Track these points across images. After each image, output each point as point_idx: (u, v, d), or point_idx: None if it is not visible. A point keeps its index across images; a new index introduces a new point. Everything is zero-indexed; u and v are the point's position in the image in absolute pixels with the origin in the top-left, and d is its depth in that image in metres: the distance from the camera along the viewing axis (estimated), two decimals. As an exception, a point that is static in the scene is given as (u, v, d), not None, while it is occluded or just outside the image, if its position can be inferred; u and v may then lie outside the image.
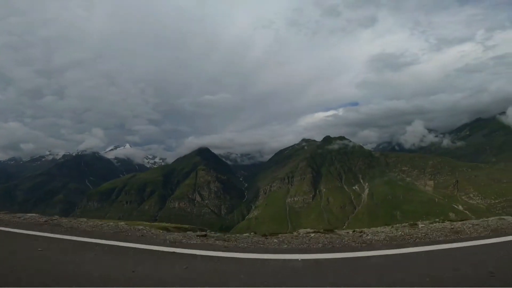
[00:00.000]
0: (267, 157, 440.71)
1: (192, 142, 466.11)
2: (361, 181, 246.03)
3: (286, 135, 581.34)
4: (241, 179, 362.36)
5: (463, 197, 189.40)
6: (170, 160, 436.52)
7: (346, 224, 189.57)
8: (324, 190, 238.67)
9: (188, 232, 10.49)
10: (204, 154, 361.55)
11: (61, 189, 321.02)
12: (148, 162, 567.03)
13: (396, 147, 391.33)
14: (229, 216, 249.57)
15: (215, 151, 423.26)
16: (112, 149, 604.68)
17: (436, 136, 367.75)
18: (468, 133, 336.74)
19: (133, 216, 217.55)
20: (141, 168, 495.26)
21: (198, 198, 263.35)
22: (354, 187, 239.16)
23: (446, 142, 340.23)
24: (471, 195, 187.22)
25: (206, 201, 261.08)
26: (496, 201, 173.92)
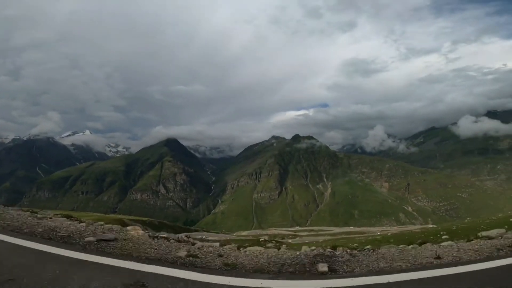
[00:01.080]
0: (236, 152, 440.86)
1: (159, 132, 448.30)
2: (325, 180, 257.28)
3: (257, 131, 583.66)
4: (209, 172, 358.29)
5: (412, 199, 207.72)
6: (134, 149, 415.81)
7: (308, 222, 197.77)
8: (290, 187, 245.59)
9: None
10: (171, 145, 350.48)
11: (8, 176, 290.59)
12: (110, 151, 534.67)
13: (359, 150, 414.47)
14: (194, 210, 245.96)
15: (184, 143, 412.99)
16: (69, 135, 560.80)
17: (394, 141, 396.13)
18: (422, 140, 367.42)
19: (90, 208, 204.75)
20: (102, 156, 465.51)
21: (162, 190, 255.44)
22: (318, 186, 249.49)
23: (402, 147, 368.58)
24: (420, 198, 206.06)
25: (171, 194, 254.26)
26: (440, 204, 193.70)
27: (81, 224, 8.92)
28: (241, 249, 7.73)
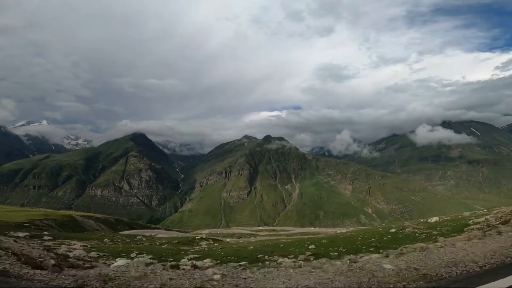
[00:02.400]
0: (207, 149, 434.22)
1: (126, 126, 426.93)
2: (293, 181, 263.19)
3: (229, 130, 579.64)
4: (177, 169, 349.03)
5: (372, 201, 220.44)
6: (97, 142, 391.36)
7: (276, 222, 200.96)
8: (259, 187, 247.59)
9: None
10: (138, 139, 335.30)
11: None
12: (69, 143, 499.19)
13: (326, 153, 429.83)
14: (160, 208, 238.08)
15: (152, 138, 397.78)
16: (23, 124, 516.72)
17: (359, 146, 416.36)
18: (384, 146, 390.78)
19: (42, 204, 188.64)
20: (59, 149, 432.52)
21: (126, 186, 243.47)
22: (286, 186, 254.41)
23: (365, 152, 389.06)
24: (379, 200, 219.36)
25: (135, 191, 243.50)
26: (396, 206, 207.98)
27: None
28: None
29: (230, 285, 5.44)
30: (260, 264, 8.25)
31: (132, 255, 11.58)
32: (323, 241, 18.59)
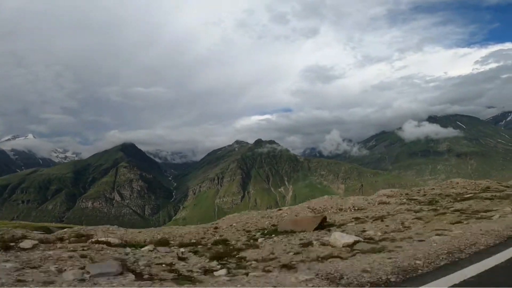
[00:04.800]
0: (200, 156, 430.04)
1: (115, 136, 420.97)
2: (286, 183, 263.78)
3: (221, 136, 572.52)
4: (170, 178, 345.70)
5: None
6: (86, 155, 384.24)
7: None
8: (252, 191, 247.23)
9: None
10: (128, 150, 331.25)
11: None
12: (57, 156, 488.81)
13: (317, 154, 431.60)
14: (154, 217, 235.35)
15: (143, 148, 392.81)
16: (9, 139, 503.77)
17: (348, 145, 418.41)
18: (374, 143, 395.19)
19: (32, 218, 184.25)
20: (47, 162, 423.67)
21: (117, 197, 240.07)
22: (280, 189, 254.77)
23: (355, 150, 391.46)
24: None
25: (127, 201, 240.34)
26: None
27: None
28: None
29: None
30: None
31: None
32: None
